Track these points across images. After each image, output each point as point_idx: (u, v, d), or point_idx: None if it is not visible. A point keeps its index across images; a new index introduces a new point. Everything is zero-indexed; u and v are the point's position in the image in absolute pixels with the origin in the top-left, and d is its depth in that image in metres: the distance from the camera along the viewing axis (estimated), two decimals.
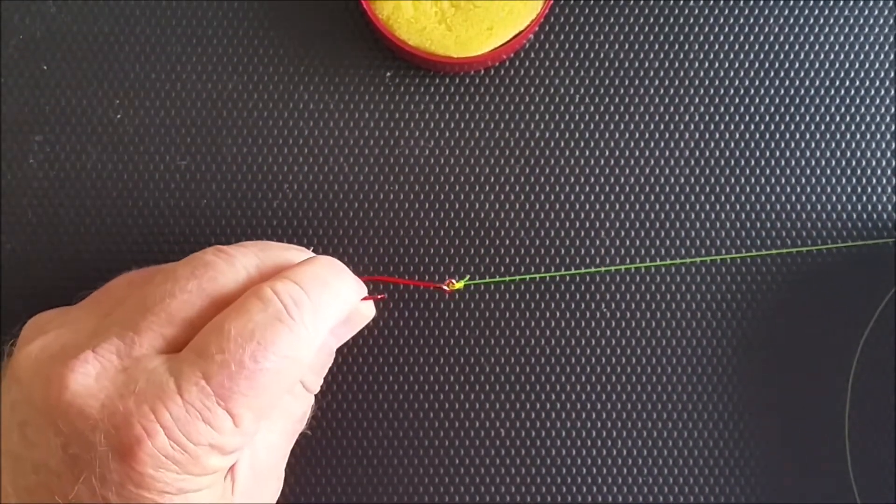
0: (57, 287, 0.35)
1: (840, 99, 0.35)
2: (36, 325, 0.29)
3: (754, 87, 0.35)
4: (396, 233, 0.35)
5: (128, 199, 0.35)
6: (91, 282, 0.32)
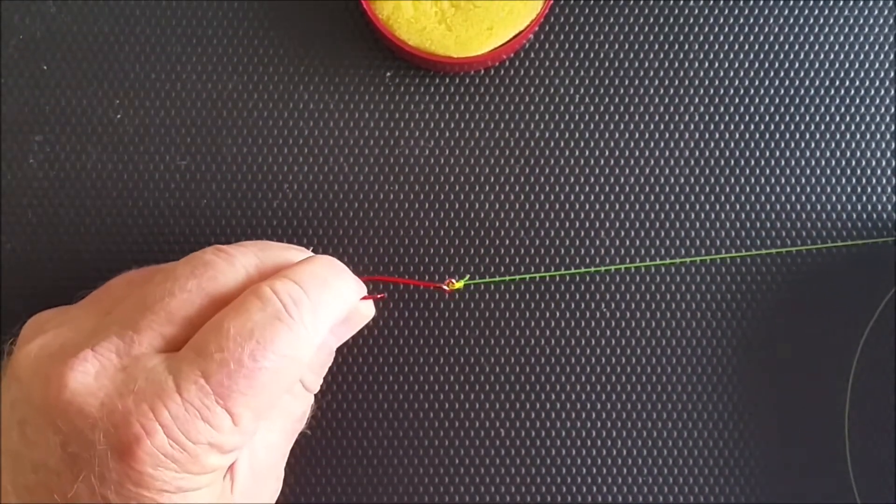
0: (57, 287, 0.35)
1: (840, 99, 0.35)
2: (36, 325, 0.29)
3: (754, 87, 0.35)
4: (396, 233, 0.35)
5: (128, 199, 0.35)
6: (91, 282, 0.32)
